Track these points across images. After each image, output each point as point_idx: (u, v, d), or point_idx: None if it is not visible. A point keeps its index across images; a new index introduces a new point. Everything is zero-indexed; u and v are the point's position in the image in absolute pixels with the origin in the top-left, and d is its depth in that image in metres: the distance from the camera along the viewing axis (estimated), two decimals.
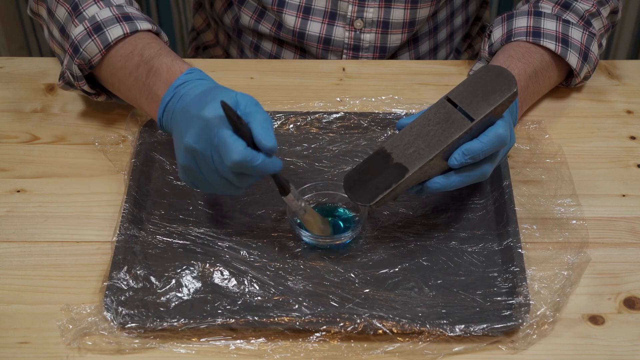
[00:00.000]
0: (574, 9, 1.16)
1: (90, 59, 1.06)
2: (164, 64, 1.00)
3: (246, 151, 0.85)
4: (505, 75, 0.93)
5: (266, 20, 1.29)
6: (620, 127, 1.15)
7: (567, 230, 1.00)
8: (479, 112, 0.91)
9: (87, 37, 1.05)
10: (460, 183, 0.94)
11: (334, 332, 0.89)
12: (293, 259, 0.97)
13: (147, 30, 1.07)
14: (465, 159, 0.92)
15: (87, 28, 1.05)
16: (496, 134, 0.92)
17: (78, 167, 1.08)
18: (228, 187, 0.91)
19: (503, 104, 0.92)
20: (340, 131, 1.12)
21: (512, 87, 0.92)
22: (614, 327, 0.91)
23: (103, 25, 1.05)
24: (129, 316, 0.89)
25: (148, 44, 1.04)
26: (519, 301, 0.90)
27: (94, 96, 1.11)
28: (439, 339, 0.89)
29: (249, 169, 0.87)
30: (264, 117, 0.88)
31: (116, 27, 1.05)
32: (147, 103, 1.01)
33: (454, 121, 0.92)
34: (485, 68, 0.94)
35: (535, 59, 1.11)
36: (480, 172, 0.94)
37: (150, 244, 0.98)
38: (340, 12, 1.26)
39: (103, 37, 1.05)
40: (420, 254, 0.97)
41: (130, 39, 1.05)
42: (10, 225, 1.01)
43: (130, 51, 1.04)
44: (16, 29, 2.17)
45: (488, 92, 0.92)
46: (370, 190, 0.92)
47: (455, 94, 0.93)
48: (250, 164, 0.86)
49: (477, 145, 0.92)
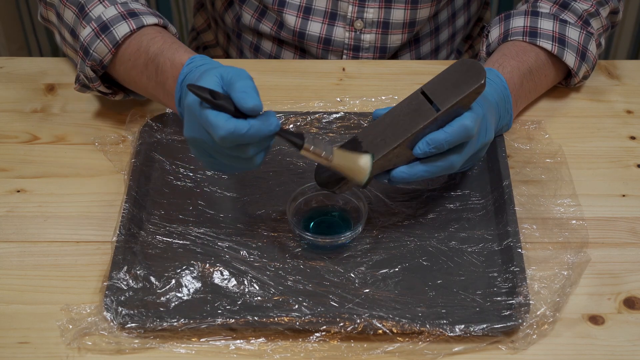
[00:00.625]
0: (572, 8, 1.16)
1: (102, 59, 1.06)
2: (167, 60, 0.99)
3: (229, 123, 0.83)
4: (476, 68, 0.93)
5: (267, 20, 1.29)
6: (620, 127, 1.15)
7: (567, 230, 1.00)
8: (445, 103, 0.92)
9: (96, 38, 1.05)
10: (426, 173, 0.94)
11: (334, 332, 0.89)
12: (293, 259, 0.97)
13: (154, 24, 1.06)
14: (428, 148, 0.92)
15: (94, 29, 1.05)
16: (461, 125, 0.92)
17: (78, 167, 1.08)
18: (241, 162, 0.89)
19: (469, 95, 0.92)
20: (340, 131, 1.12)
21: (480, 79, 0.92)
22: (614, 327, 0.91)
23: (110, 25, 1.05)
24: (128, 316, 0.89)
25: (152, 39, 1.04)
26: (519, 301, 0.90)
27: (111, 95, 1.11)
28: (439, 339, 0.89)
29: (243, 139, 0.84)
30: (244, 83, 0.85)
31: (122, 25, 1.05)
32: (166, 100, 1.01)
33: (422, 112, 0.93)
34: (461, 62, 0.95)
35: (530, 57, 1.11)
36: (447, 162, 0.94)
37: (150, 244, 0.98)
38: (340, 12, 1.26)
39: (111, 37, 1.05)
40: (420, 254, 0.97)
41: (136, 35, 1.05)
42: (10, 225, 1.01)
43: (137, 49, 1.04)
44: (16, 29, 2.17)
45: (457, 83, 0.93)
46: (336, 177, 0.93)
47: (428, 86, 0.95)
48: (240, 134, 0.83)
49: (441, 135, 0.92)
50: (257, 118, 0.84)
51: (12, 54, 2.17)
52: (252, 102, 0.82)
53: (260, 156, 0.89)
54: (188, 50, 1.00)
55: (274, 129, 0.85)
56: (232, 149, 0.86)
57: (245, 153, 0.86)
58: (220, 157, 0.89)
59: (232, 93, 0.84)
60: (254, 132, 0.83)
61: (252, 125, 0.83)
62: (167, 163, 1.07)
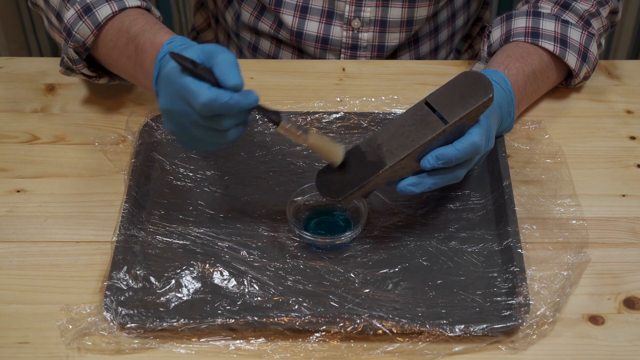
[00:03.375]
0: (573, 9, 1.16)
1: (84, 41, 1.06)
2: (148, 39, 1.00)
3: (211, 90, 0.83)
4: (483, 81, 0.93)
5: (266, 18, 1.29)
6: (620, 127, 1.15)
7: (567, 230, 1.00)
8: (453, 116, 0.92)
9: (79, 19, 1.06)
10: (433, 185, 0.94)
11: (334, 332, 0.89)
12: (293, 259, 0.97)
13: (137, 6, 1.07)
14: (438, 163, 0.92)
15: (77, 11, 1.06)
16: (471, 143, 0.92)
17: (78, 167, 1.08)
18: (215, 135, 0.88)
19: (478, 109, 0.92)
20: (340, 131, 1.12)
21: (489, 93, 0.92)
22: (614, 327, 0.91)
23: (92, 6, 1.06)
24: (128, 316, 0.89)
25: (134, 20, 1.04)
26: (518, 301, 0.90)
27: (95, 79, 1.12)
28: (439, 339, 0.89)
29: (222, 108, 0.84)
30: (226, 57, 0.85)
31: (105, 7, 1.06)
32: (144, 80, 1.02)
33: (428, 123, 0.93)
34: (465, 74, 0.95)
35: (534, 59, 1.11)
36: (454, 175, 0.95)
37: (150, 244, 0.98)
38: (337, 11, 1.26)
39: (93, 18, 1.05)
40: (420, 254, 0.97)
41: (118, 17, 1.06)
42: (10, 225, 1.01)
43: (118, 30, 1.05)
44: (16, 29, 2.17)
45: (464, 96, 0.92)
46: (339, 186, 0.93)
47: (433, 97, 0.94)
48: (219, 102, 0.83)
49: (451, 152, 0.92)
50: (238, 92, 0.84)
51: (12, 54, 2.17)
52: (234, 81, 0.83)
53: (235, 131, 0.89)
54: (169, 32, 1.01)
55: (253, 102, 0.85)
56: (209, 120, 0.86)
57: (221, 125, 0.86)
58: (195, 129, 0.88)
59: (215, 67, 0.84)
60: (234, 102, 0.84)
61: (232, 96, 0.84)
62: (167, 163, 1.07)
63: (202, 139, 0.89)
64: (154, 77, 0.96)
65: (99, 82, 1.13)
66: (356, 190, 0.92)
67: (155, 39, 0.99)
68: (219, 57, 0.85)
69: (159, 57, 0.96)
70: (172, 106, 0.87)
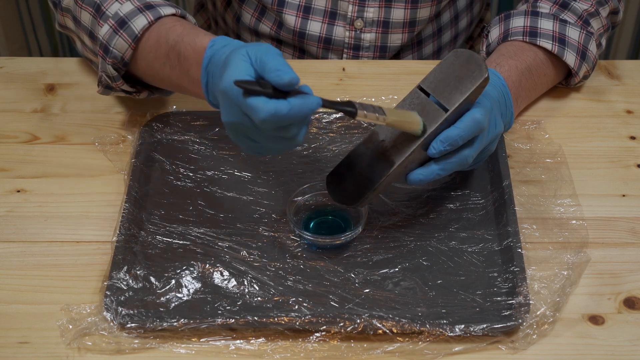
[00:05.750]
0: (572, 8, 1.16)
1: (122, 56, 1.04)
2: (189, 45, 0.97)
3: (268, 104, 0.80)
4: (476, 60, 0.92)
5: (267, 19, 1.29)
6: (620, 127, 1.15)
7: (567, 230, 1.00)
8: (453, 102, 0.91)
9: (114, 34, 1.04)
10: (441, 171, 0.94)
11: (334, 332, 0.89)
12: (293, 259, 0.97)
13: (172, 14, 1.05)
14: (444, 146, 0.92)
15: (112, 26, 1.04)
16: (472, 119, 0.92)
17: (78, 167, 1.08)
18: (284, 142, 0.86)
19: (476, 91, 0.91)
20: (340, 131, 1.12)
21: (484, 73, 0.91)
22: (614, 327, 0.91)
23: (127, 19, 1.03)
24: (128, 316, 0.89)
25: (171, 28, 1.01)
26: (519, 301, 0.90)
27: (136, 94, 1.10)
28: (439, 339, 0.89)
29: (285, 119, 0.81)
30: (274, 61, 0.82)
31: (140, 18, 1.03)
32: (192, 87, 0.98)
33: (428, 113, 0.92)
34: (455, 53, 0.93)
35: (528, 56, 1.11)
36: (460, 158, 0.94)
37: (150, 244, 0.98)
38: (340, 11, 1.26)
39: (129, 31, 1.03)
40: (420, 254, 0.97)
41: (155, 27, 1.03)
42: (10, 225, 1.01)
43: (156, 40, 1.02)
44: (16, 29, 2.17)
45: (460, 79, 0.91)
46: (352, 191, 0.92)
47: (427, 82, 0.93)
48: (280, 114, 0.80)
49: (454, 132, 0.92)
50: (297, 97, 0.81)
51: (12, 54, 2.17)
52: (288, 76, 0.80)
53: (302, 133, 0.86)
54: (208, 34, 0.98)
55: (315, 106, 0.82)
56: (275, 130, 0.83)
57: (288, 133, 0.84)
58: (262, 140, 0.86)
59: (266, 74, 0.82)
60: (295, 112, 0.81)
61: (292, 105, 0.81)
62: (167, 163, 1.07)
63: (269, 146, 0.88)
64: (204, 85, 0.94)
65: (138, 97, 1.10)
66: (370, 193, 0.92)
67: (196, 44, 0.96)
68: (268, 63, 0.82)
69: (204, 64, 0.93)
70: (236, 119, 0.85)
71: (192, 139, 1.10)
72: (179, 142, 1.10)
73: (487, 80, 0.91)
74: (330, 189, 0.94)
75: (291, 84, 0.81)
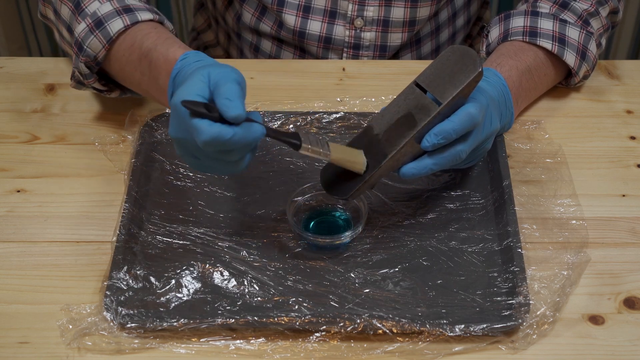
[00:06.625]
0: (572, 8, 1.16)
1: (96, 55, 1.05)
2: (161, 55, 0.98)
3: (212, 128, 0.81)
4: (470, 55, 0.92)
5: (267, 18, 1.30)
6: (620, 127, 1.15)
7: (567, 230, 1.00)
8: (446, 95, 0.91)
9: (90, 34, 1.05)
10: (434, 165, 0.94)
11: (334, 332, 0.89)
12: (293, 259, 0.97)
13: (149, 20, 1.05)
14: (437, 139, 0.92)
15: (89, 24, 1.05)
16: (466, 113, 0.92)
17: (78, 167, 1.08)
18: (226, 166, 0.88)
19: (469, 85, 0.92)
20: (341, 131, 1.12)
21: (477, 67, 0.91)
22: (614, 327, 0.91)
23: (104, 20, 1.04)
24: (128, 316, 0.89)
25: (146, 34, 1.02)
26: (519, 301, 0.90)
27: (107, 93, 1.10)
28: (439, 339, 0.89)
29: (227, 144, 0.82)
30: (228, 87, 0.83)
31: (117, 21, 1.04)
32: (159, 95, 1.00)
33: (422, 106, 0.92)
34: (451, 49, 0.94)
35: (528, 56, 1.11)
36: (454, 152, 0.94)
37: (150, 244, 0.98)
38: (340, 10, 1.26)
39: (105, 32, 1.04)
40: (420, 254, 0.97)
41: (131, 31, 1.04)
42: (10, 225, 1.01)
43: (130, 44, 1.03)
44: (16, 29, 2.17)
45: (454, 73, 0.92)
46: (345, 184, 0.93)
47: (423, 78, 0.94)
48: (223, 139, 0.81)
49: (448, 125, 0.92)
50: (241, 125, 0.82)
51: (12, 53, 2.17)
52: (234, 112, 0.81)
53: (245, 160, 0.87)
54: (182, 46, 0.99)
55: (258, 136, 0.84)
56: (217, 153, 0.85)
57: (230, 157, 0.86)
58: (205, 160, 0.87)
59: (216, 99, 0.83)
60: (237, 138, 0.82)
61: (235, 132, 0.82)
62: (167, 163, 1.07)
63: (212, 167, 0.88)
64: (169, 95, 0.95)
65: (109, 95, 1.11)
66: (362, 186, 0.92)
67: (169, 54, 0.97)
68: (222, 89, 0.83)
69: (172, 75, 0.94)
70: (181, 135, 0.86)
71: None
72: None
73: (481, 74, 0.92)
74: (324, 182, 0.95)
75: (235, 120, 0.81)
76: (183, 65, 0.94)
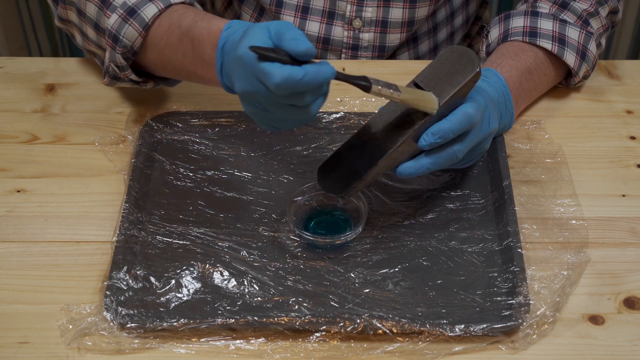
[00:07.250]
0: (571, 8, 1.16)
1: (132, 44, 1.03)
2: (204, 29, 0.96)
3: (283, 69, 0.80)
4: (469, 55, 0.93)
5: (266, 19, 1.30)
6: (620, 127, 1.15)
7: (567, 230, 1.00)
8: (444, 95, 0.91)
9: (124, 23, 1.02)
10: (431, 165, 0.94)
11: (334, 332, 0.89)
12: (293, 259, 0.97)
13: (181, 2, 1.04)
14: (434, 139, 0.92)
15: (121, 15, 1.03)
16: (464, 112, 0.92)
17: (78, 167, 1.08)
18: (297, 113, 0.86)
19: (467, 85, 0.92)
20: (340, 131, 1.12)
21: (475, 67, 0.92)
22: (614, 327, 0.91)
23: (136, 8, 1.02)
24: (128, 316, 0.89)
25: (182, 14, 1.00)
26: (519, 301, 0.90)
27: (142, 84, 1.09)
28: (439, 339, 0.89)
29: (298, 86, 0.81)
30: (292, 32, 0.82)
31: (150, 6, 1.02)
32: (205, 72, 0.97)
33: None
34: (450, 49, 0.94)
35: (529, 56, 1.11)
36: (450, 152, 0.94)
37: (150, 244, 0.98)
38: (338, 11, 1.26)
39: (139, 19, 1.02)
40: (420, 254, 0.97)
41: (165, 14, 1.02)
42: (10, 225, 1.01)
43: (168, 27, 1.01)
44: (16, 29, 2.17)
45: (452, 73, 0.92)
46: (341, 181, 0.93)
47: (421, 77, 0.94)
48: (295, 79, 0.80)
49: (445, 125, 0.92)
50: (311, 64, 0.82)
51: (12, 54, 2.17)
52: (304, 46, 0.80)
53: (316, 105, 0.86)
54: (222, 19, 0.97)
55: (329, 75, 0.83)
56: (288, 98, 0.83)
57: (302, 101, 0.84)
58: (276, 110, 0.86)
59: (284, 43, 0.82)
60: (309, 78, 0.81)
61: (307, 71, 0.81)
62: (167, 163, 1.07)
63: (283, 117, 0.87)
64: (218, 67, 0.93)
65: (144, 87, 1.09)
66: (358, 183, 0.92)
67: (211, 27, 0.95)
68: (287, 34, 0.82)
69: (219, 45, 0.92)
70: (249, 88, 0.84)
71: (192, 139, 1.10)
72: (179, 142, 1.10)
73: (479, 74, 0.92)
74: (320, 179, 0.95)
75: (307, 54, 0.81)
76: (229, 33, 0.92)
